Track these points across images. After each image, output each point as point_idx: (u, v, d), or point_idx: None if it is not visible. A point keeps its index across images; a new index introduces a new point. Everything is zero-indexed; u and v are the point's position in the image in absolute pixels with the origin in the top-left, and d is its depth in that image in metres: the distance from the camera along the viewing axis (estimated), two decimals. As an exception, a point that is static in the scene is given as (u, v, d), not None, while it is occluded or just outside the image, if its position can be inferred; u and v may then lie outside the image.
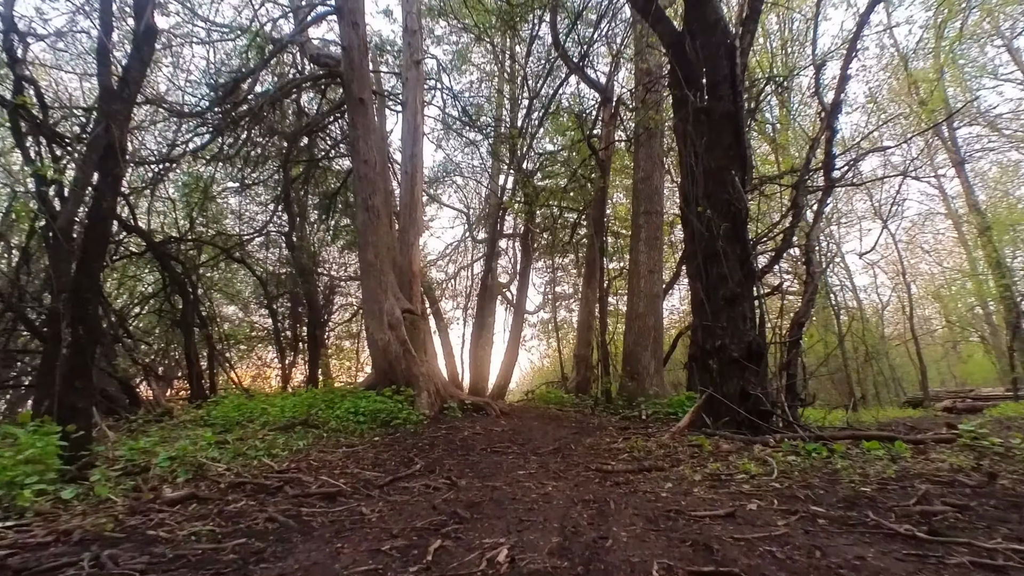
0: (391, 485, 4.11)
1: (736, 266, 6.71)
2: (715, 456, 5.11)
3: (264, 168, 12.33)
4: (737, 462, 4.74)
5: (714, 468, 4.54)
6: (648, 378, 11.28)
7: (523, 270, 18.49)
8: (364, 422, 7.84)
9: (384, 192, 10.07)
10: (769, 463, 4.57)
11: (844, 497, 3.35)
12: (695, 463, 4.86)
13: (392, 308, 9.69)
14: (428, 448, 6.24)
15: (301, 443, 5.99)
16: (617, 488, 3.93)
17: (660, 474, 4.49)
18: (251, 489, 3.84)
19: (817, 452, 4.85)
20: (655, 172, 11.93)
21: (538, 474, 4.67)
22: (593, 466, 4.98)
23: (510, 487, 3.93)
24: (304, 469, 4.67)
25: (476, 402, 9.96)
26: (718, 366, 6.67)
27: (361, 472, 4.66)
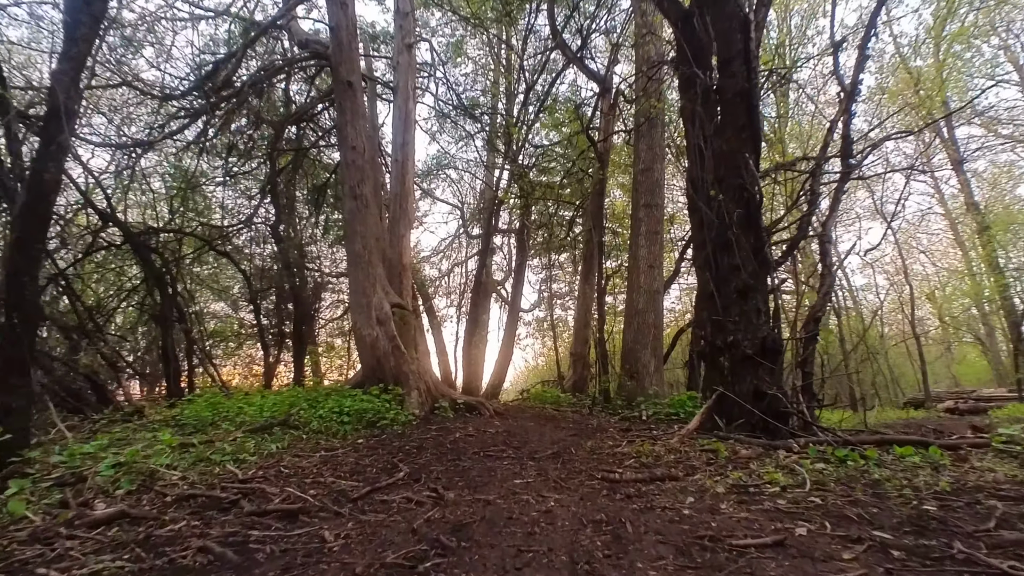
0: (367, 498, 3.49)
1: (749, 256, 6.13)
2: (734, 463, 4.52)
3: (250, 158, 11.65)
4: (760, 470, 4.15)
5: (736, 478, 3.94)
6: (648, 377, 10.69)
7: (518, 267, 17.89)
8: (348, 423, 7.22)
9: (373, 180, 9.45)
10: (798, 472, 3.99)
11: (906, 518, 2.76)
12: (713, 471, 4.27)
13: (381, 302, 9.06)
14: (415, 452, 5.62)
15: (275, 446, 5.36)
16: (630, 503, 3.32)
17: (676, 485, 3.89)
18: (201, 504, 3.22)
19: (851, 459, 4.26)
20: (656, 163, 11.35)
21: (537, 484, 4.07)
22: (598, 474, 4.38)
23: (505, 501, 3.32)
24: (271, 478, 4.05)
25: (469, 401, 9.35)
26: (730, 363, 6.09)
27: (336, 481, 4.04)
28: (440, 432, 7.01)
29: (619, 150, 14.99)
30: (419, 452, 5.62)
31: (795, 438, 5.40)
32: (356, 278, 9.12)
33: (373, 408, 7.67)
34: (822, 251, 6.60)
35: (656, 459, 4.97)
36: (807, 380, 6.17)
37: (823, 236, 6.61)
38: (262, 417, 7.01)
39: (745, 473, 4.10)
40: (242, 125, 11.35)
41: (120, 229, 9.64)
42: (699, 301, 6.79)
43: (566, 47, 12.64)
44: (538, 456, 5.41)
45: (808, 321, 6.38)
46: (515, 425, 8.05)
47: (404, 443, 6.16)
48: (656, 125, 11.42)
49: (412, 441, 6.32)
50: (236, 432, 6.07)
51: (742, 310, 6.10)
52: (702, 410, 6.07)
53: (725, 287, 6.26)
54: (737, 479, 3.92)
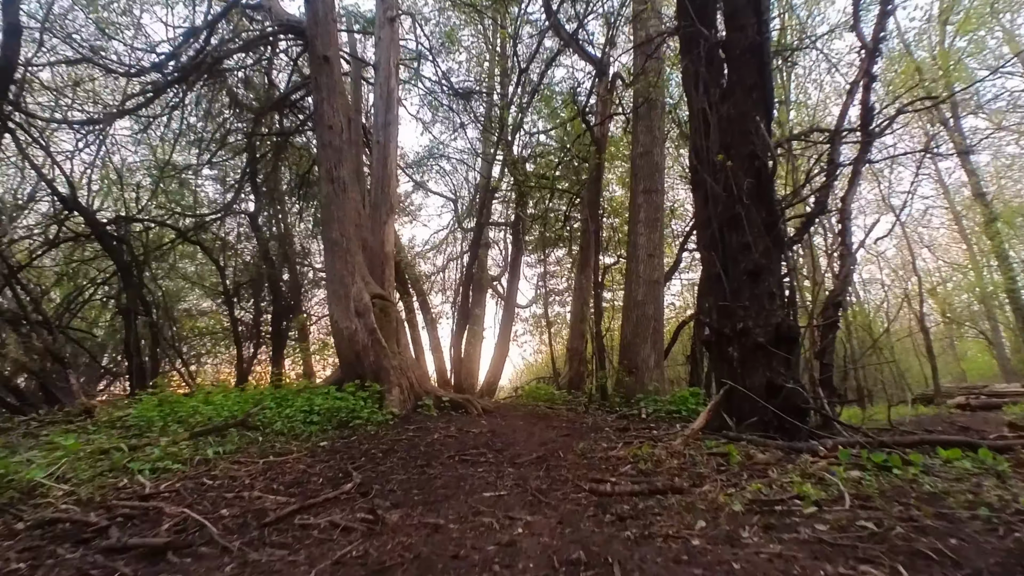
0: (285, 521, 2.69)
1: (761, 232, 5.31)
2: (749, 470, 3.70)
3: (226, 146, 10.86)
4: (782, 480, 3.34)
5: (755, 490, 3.12)
6: (647, 372, 9.86)
7: (513, 261, 17.08)
8: (317, 423, 6.42)
9: (352, 163, 8.66)
10: (830, 482, 3.17)
11: (1005, 553, 1.94)
12: (725, 481, 3.45)
13: (360, 292, 8.26)
14: (381, 456, 4.82)
15: (216, 451, 4.55)
16: (622, 528, 2.52)
17: (680, 500, 3.08)
18: (57, 532, 2.41)
19: (892, 466, 3.43)
20: (655, 147, 10.52)
21: (510, 498, 3.26)
22: (587, 484, 3.56)
23: (461, 526, 2.53)
24: (185, 492, 3.25)
25: (455, 399, 8.54)
26: (739, 354, 5.27)
27: (263, 497, 3.23)
28: (418, 433, 6.21)
29: (617, 142, 14.16)
30: (385, 456, 4.82)
31: (817, 438, 4.59)
32: (333, 267, 8.32)
33: (346, 407, 6.88)
34: (842, 228, 5.77)
35: (656, 465, 4.16)
36: (826, 373, 5.34)
37: (843, 211, 5.78)
38: (220, 417, 6.22)
39: (764, 483, 3.28)
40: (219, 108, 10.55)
41: (83, 216, 8.85)
42: (704, 285, 5.98)
43: (561, 28, 11.82)
44: (520, 461, 4.60)
45: (827, 306, 5.56)
46: (502, 425, 7.24)
47: (373, 446, 5.37)
48: (655, 107, 10.59)
49: (383, 443, 5.52)
50: (183, 435, 5.28)
51: (753, 294, 5.28)
52: (708, 407, 5.25)
53: (734, 268, 5.45)
54: (756, 492, 3.10)
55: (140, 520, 2.67)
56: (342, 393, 7.27)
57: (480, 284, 18.93)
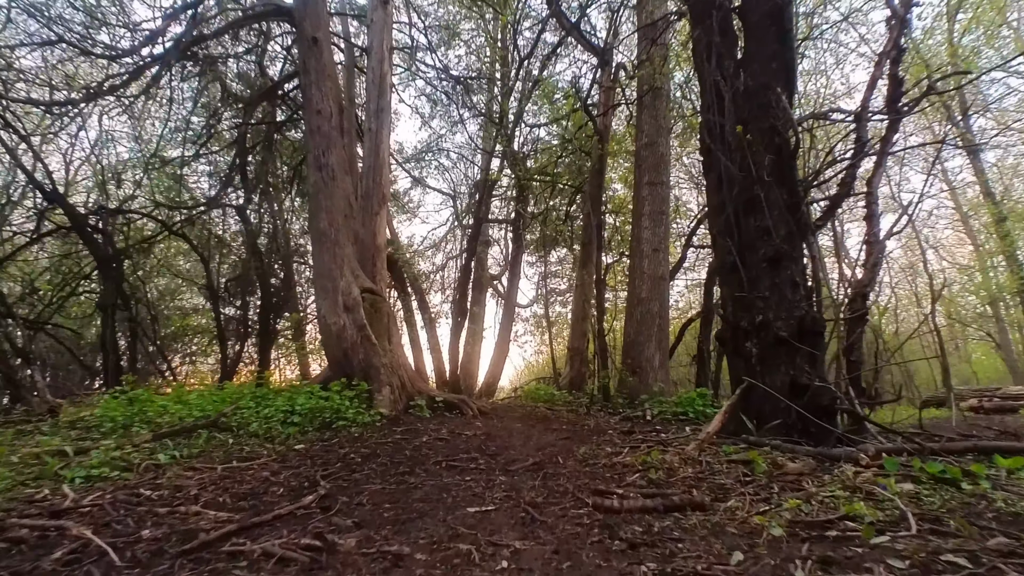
0: (214, 547, 2.13)
1: (782, 215, 4.75)
2: (779, 482, 3.13)
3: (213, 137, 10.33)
4: (822, 493, 2.77)
5: (794, 507, 2.56)
6: (652, 372, 9.28)
7: (514, 259, 16.52)
8: (297, 424, 5.86)
9: (342, 150, 8.11)
10: (882, 498, 2.60)
11: None
12: (754, 495, 2.89)
13: (349, 286, 7.71)
14: (360, 462, 4.26)
15: (168, 456, 3.99)
16: (636, 558, 1.96)
17: (703, 519, 2.51)
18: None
19: (955, 478, 2.86)
20: (660, 137, 9.96)
21: (499, 515, 2.70)
22: (589, 498, 2.99)
23: (431, 556, 1.97)
24: (107, 507, 2.69)
25: (450, 400, 7.97)
26: (758, 350, 4.70)
27: (204, 513, 2.68)
28: (406, 435, 5.66)
29: (620, 139, 13.58)
30: (364, 462, 4.26)
31: (848, 443, 4.02)
32: (321, 259, 7.78)
33: (331, 407, 6.32)
34: (868, 212, 5.20)
35: (669, 474, 3.59)
36: (855, 371, 4.76)
37: (870, 195, 5.21)
38: (192, 417, 5.67)
39: (802, 498, 2.71)
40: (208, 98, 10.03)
41: (62, 207, 8.32)
42: (719, 276, 5.41)
43: (563, 16, 11.30)
44: (514, 468, 4.03)
45: (854, 297, 4.98)
46: (498, 427, 6.67)
47: (353, 450, 4.81)
48: (660, 95, 10.04)
49: (365, 447, 4.97)
50: (144, 436, 4.73)
51: (774, 283, 4.71)
52: (723, 408, 4.67)
53: (752, 255, 4.88)
54: (795, 510, 2.53)
55: (33, 544, 2.11)
56: (327, 392, 6.71)
57: (480, 283, 18.38)
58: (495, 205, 18.57)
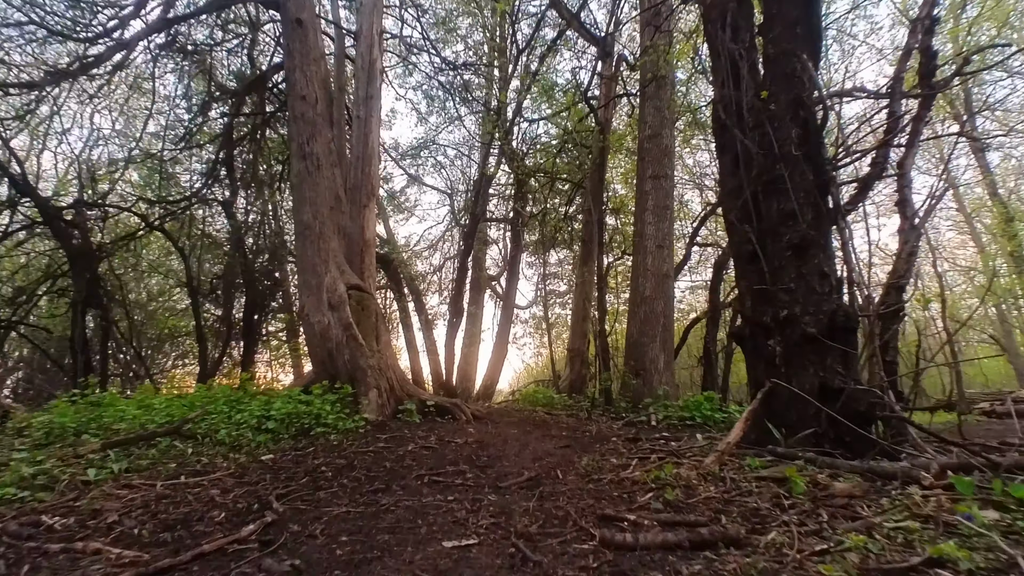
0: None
1: (809, 197, 4.17)
2: (825, 505, 2.53)
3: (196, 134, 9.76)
4: (887, 524, 2.18)
5: (859, 545, 1.97)
6: (656, 375, 8.69)
7: (512, 259, 15.94)
8: (272, 431, 5.28)
9: (328, 138, 7.55)
10: (969, 530, 2.02)
11: None
12: (799, 524, 2.29)
13: (334, 283, 7.14)
14: (331, 476, 3.68)
15: (105, 471, 3.40)
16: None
17: (743, 560, 1.92)
18: None
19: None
20: (664, 129, 9.40)
21: (481, 551, 2.12)
22: (595, 528, 2.41)
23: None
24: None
25: (442, 404, 7.37)
26: (783, 348, 4.11)
27: (105, 551, 2.08)
28: (390, 443, 5.08)
29: (620, 137, 12.99)
30: (336, 476, 3.68)
31: (889, 456, 3.43)
32: (305, 254, 7.21)
33: (310, 412, 5.73)
34: (901, 197, 4.62)
35: (688, 492, 3.00)
36: (891, 373, 4.17)
37: (902, 177, 4.63)
38: (154, 424, 5.09)
39: (862, 530, 2.13)
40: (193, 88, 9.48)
41: (33, 200, 7.75)
42: (736, 267, 4.83)
43: (562, 6, 10.76)
44: (507, 484, 3.44)
45: (887, 290, 4.40)
46: (492, 433, 6.08)
47: (327, 460, 4.23)
48: (664, 85, 9.48)
49: (342, 457, 4.39)
50: (93, 445, 4.15)
51: (800, 273, 4.13)
52: (744, 413, 4.08)
53: (774, 243, 4.30)
54: (861, 549, 1.94)
55: None
56: (308, 396, 6.12)
57: (478, 283, 17.78)
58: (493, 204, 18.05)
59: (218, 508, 2.80)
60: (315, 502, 3.00)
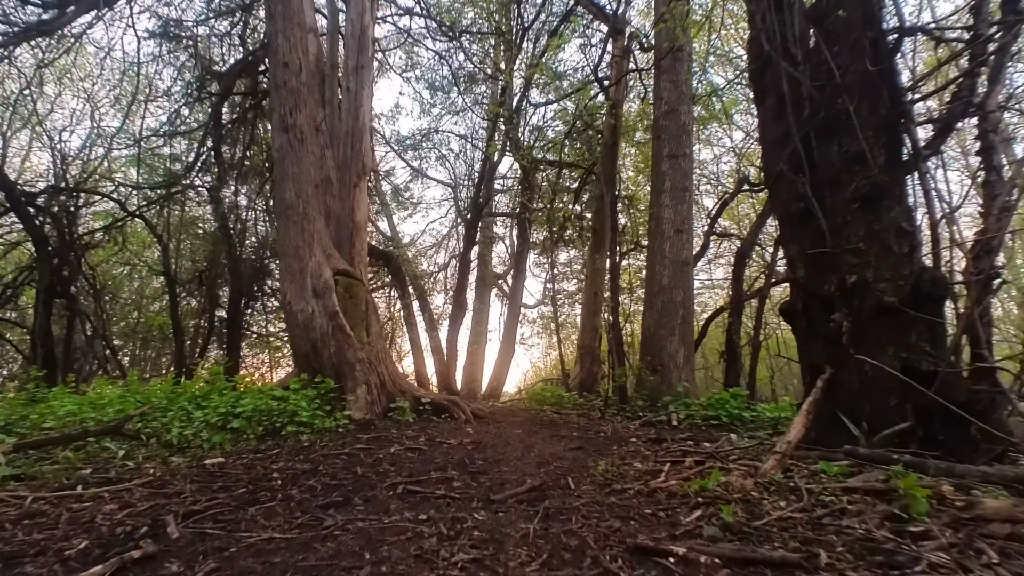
0: None
1: (880, 136, 3.28)
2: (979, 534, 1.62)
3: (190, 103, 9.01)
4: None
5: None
6: (675, 370, 7.76)
7: (518, 256, 15.07)
8: (236, 429, 4.44)
9: (313, 110, 6.75)
10: None
11: None
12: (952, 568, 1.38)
13: (319, 267, 6.31)
14: (279, 486, 2.84)
15: None
16: None
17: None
18: None
19: None
20: (682, 104, 8.51)
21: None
22: (626, 566, 1.52)
23: None
24: None
25: (439, 402, 6.51)
26: (851, 323, 3.20)
27: None
28: (370, 445, 4.23)
29: (633, 125, 12.13)
30: (283, 487, 2.83)
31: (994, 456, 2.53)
32: (287, 236, 6.38)
33: (286, 409, 4.88)
34: (984, 145, 3.70)
35: (751, 509, 2.11)
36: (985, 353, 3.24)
37: (985, 119, 3.71)
38: (95, 421, 4.27)
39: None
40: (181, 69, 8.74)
41: (0, 183, 7.00)
42: (784, 230, 3.92)
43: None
44: (503, 496, 2.57)
45: (978, 252, 3.48)
46: (493, 434, 5.21)
47: (288, 465, 3.40)
48: (681, 59, 8.61)
49: (309, 461, 3.56)
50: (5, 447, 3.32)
51: (871, 231, 3.23)
52: (805, 406, 3.17)
53: (835, 195, 3.40)
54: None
55: None
56: (288, 391, 5.28)
57: (484, 281, 16.93)
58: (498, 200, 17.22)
59: (88, 533, 1.94)
60: (235, 523, 2.14)
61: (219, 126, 9.08)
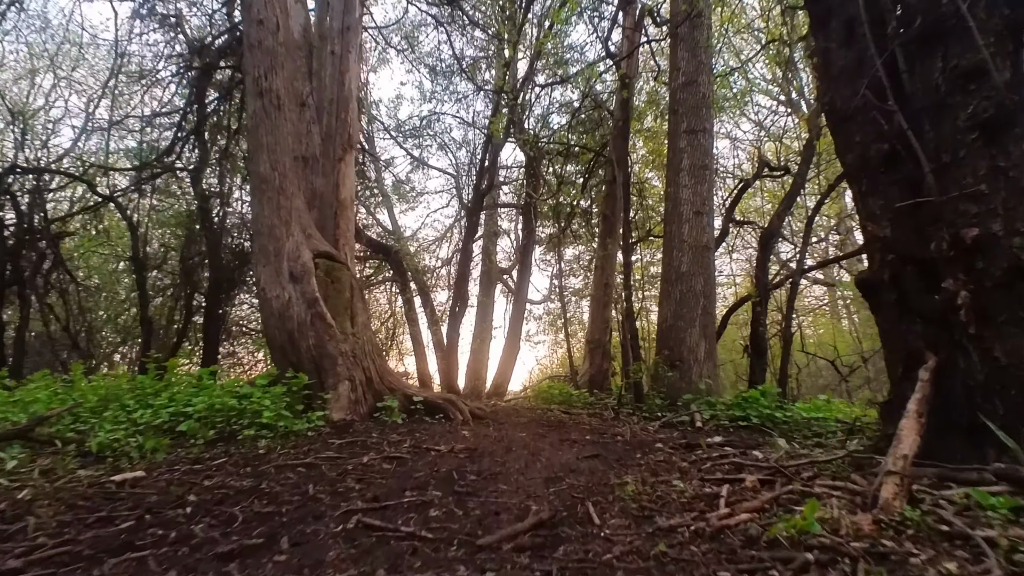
0: None
1: (1002, 44, 2.39)
2: None
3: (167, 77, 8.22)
4: None
5: None
6: (696, 365, 6.85)
7: (524, 248, 14.16)
8: (185, 432, 3.61)
9: (292, 73, 5.91)
10: None
11: None
12: None
13: (297, 249, 5.47)
14: (191, 514, 1.99)
15: None
16: None
17: None
18: None
19: None
20: (702, 75, 7.62)
21: None
22: None
23: None
24: None
25: (433, 401, 5.63)
26: (972, 293, 2.30)
27: None
28: (342, 453, 3.40)
29: (643, 108, 11.22)
30: (192, 517, 1.99)
31: None
32: (261, 213, 5.54)
33: (247, 409, 4.04)
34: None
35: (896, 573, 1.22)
36: None
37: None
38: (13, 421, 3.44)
39: None
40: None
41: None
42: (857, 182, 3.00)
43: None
44: (495, 539, 1.69)
45: None
46: (493, 438, 4.35)
47: (224, 481, 2.59)
48: (700, 25, 7.71)
49: (254, 476, 2.75)
50: None
51: (995, 168, 2.34)
52: (912, 404, 2.27)
53: (940, 124, 2.52)
54: None
55: None
56: (254, 388, 4.43)
57: (488, 276, 16.04)
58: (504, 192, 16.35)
59: None
60: None
61: (202, 105, 8.26)
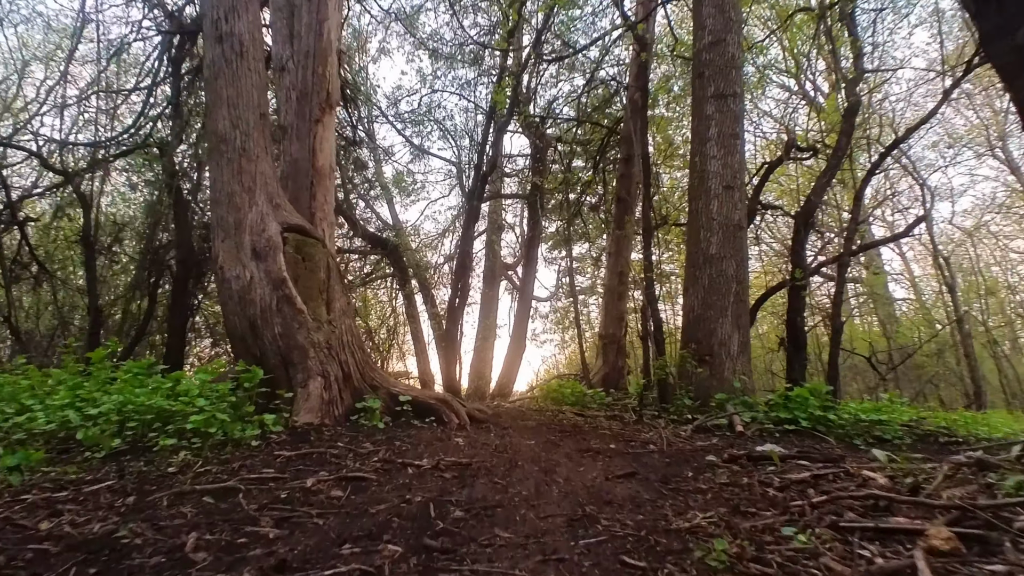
0: None
1: None
2: None
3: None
4: None
5: None
6: (729, 360, 5.81)
7: (529, 242, 13.15)
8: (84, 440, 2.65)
9: (257, 17, 4.95)
10: None
11: None
12: None
13: (262, 221, 4.49)
14: None
15: None
16: None
17: None
18: None
19: None
20: (730, 33, 6.60)
21: None
22: None
23: None
24: None
25: (423, 401, 4.62)
26: None
27: None
28: (283, 472, 2.45)
29: (659, 84, 10.14)
30: None
31: None
32: (219, 178, 4.57)
33: (174, 411, 3.06)
34: None
35: None
36: None
37: None
38: None
39: None
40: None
41: None
42: None
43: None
44: None
45: None
46: (493, 448, 3.36)
47: (73, 521, 1.54)
48: (727, -21, 6.71)
49: (122, 513, 1.70)
50: None
51: None
52: None
53: None
54: None
55: None
56: (187, 385, 3.45)
57: (492, 272, 15.07)
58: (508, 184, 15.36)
59: None
60: None
61: (177, 76, 7.31)
